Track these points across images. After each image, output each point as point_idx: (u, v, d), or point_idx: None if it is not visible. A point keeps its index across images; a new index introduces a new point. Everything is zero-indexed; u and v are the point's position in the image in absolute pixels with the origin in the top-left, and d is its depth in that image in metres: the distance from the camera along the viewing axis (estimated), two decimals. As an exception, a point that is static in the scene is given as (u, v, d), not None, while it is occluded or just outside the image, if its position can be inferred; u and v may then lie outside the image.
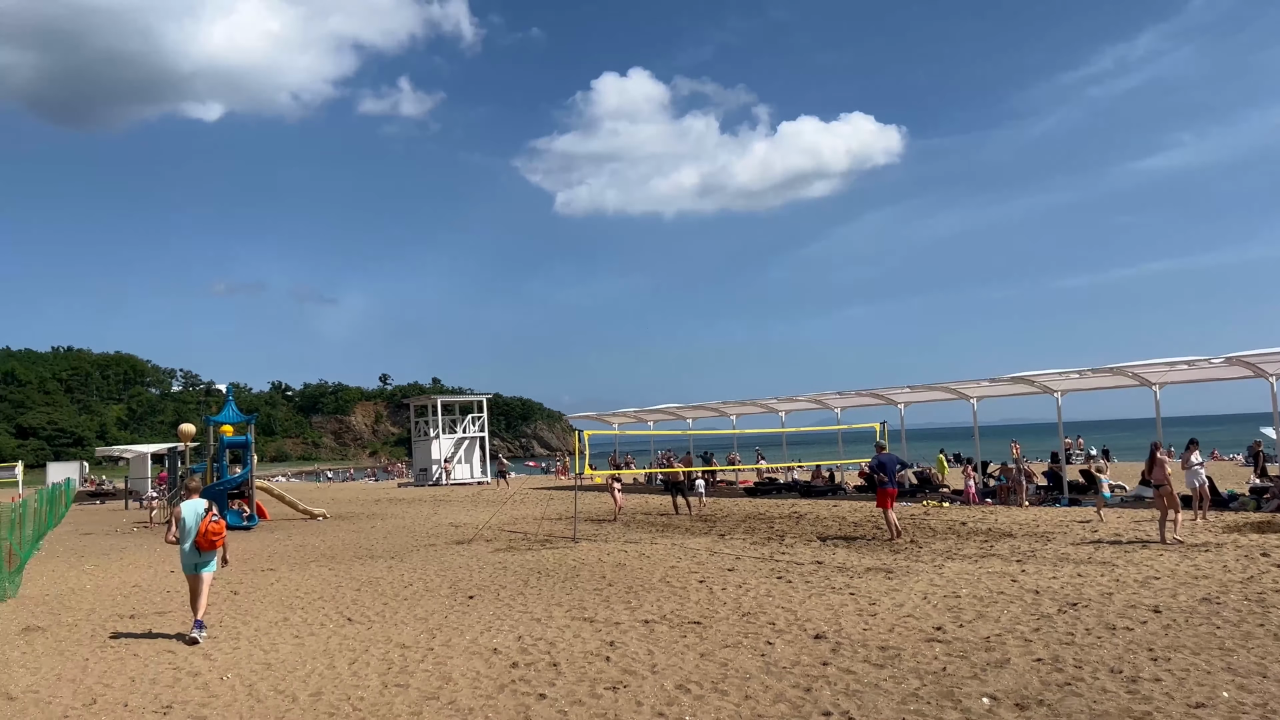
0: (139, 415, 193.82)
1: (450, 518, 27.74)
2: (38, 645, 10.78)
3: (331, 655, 9.70)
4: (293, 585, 14.85)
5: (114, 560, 19.65)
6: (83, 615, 12.77)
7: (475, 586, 13.97)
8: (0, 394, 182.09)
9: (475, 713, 7.48)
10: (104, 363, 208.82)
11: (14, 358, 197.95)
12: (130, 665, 9.58)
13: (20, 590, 15.28)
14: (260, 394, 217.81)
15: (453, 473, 52.47)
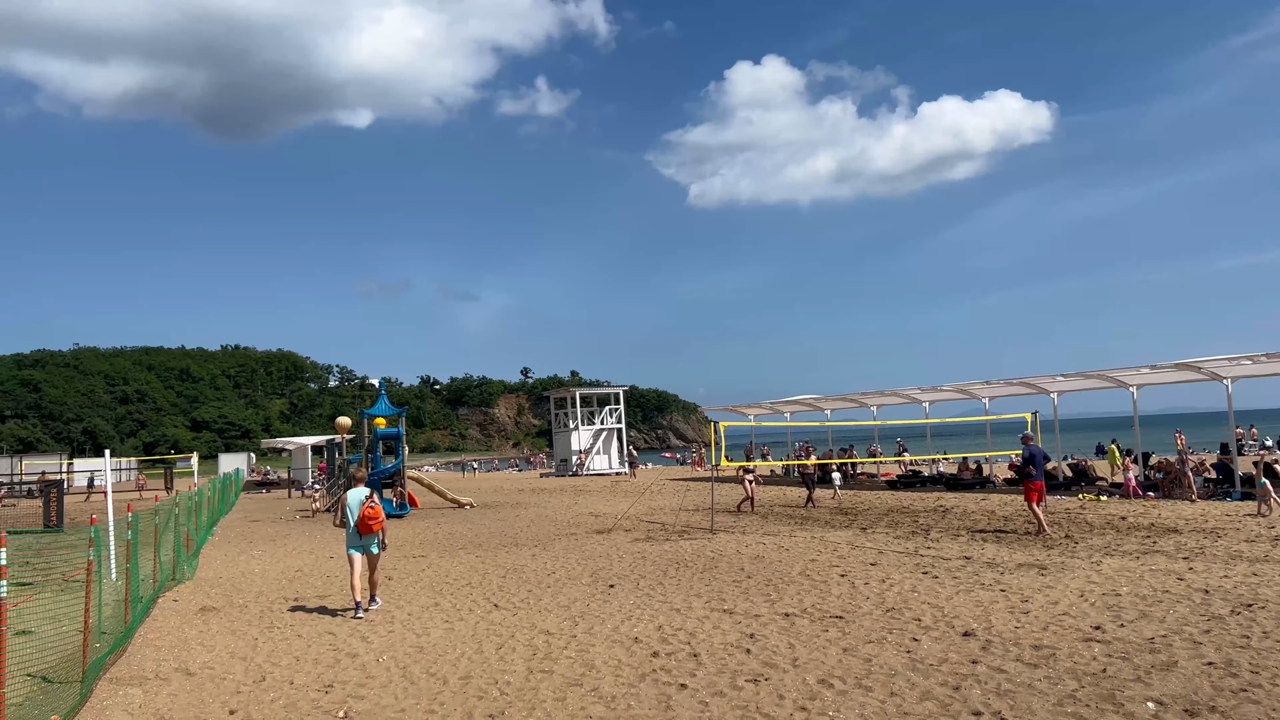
0: (300, 409, 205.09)
1: (590, 507, 28.21)
2: (213, 624, 11.56)
3: (479, 640, 10.02)
4: (442, 571, 15.41)
5: (279, 546, 20.85)
6: (252, 597, 13.61)
7: (615, 575, 14.15)
8: (177, 390, 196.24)
9: (618, 700, 7.57)
10: (268, 360, 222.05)
11: (189, 356, 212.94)
12: (295, 645, 10.15)
13: (197, 573, 16.42)
14: (410, 388, 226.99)
15: (591, 463, 53.34)
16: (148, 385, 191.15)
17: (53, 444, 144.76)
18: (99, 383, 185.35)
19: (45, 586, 15.01)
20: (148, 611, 12.26)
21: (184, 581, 15.36)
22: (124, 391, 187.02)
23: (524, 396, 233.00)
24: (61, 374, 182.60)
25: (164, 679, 8.83)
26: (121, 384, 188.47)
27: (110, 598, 11.78)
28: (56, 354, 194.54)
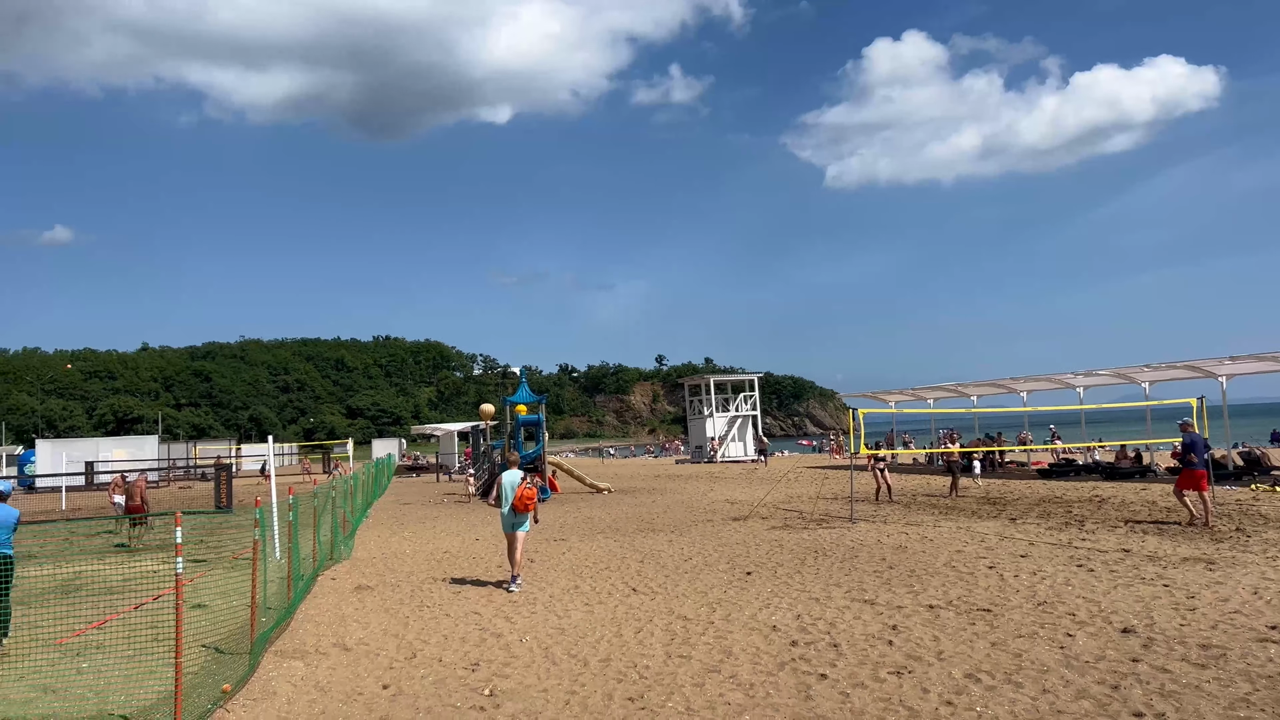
0: (446, 396, 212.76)
1: (725, 494, 28.16)
2: (367, 602, 12.12)
3: (619, 623, 10.15)
4: (582, 555, 15.69)
5: (428, 528, 21.68)
6: (403, 576, 14.21)
7: (752, 563, 14.08)
8: (333, 379, 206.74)
9: (756, 688, 7.53)
10: (416, 349, 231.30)
11: (343, 347, 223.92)
12: (443, 624, 10.54)
13: (353, 552, 17.26)
14: (549, 376, 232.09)
15: (726, 450, 53.23)
16: (307, 375, 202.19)
17: (223, 430, 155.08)
18: (263, 372, 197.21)
19: (217, 564, 16.10)
20: (308, 589, 12.96)
21: (341, 561, 16.16)
22: (285, 380, 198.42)
23: (659, 384, 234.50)
24: (230, 365, 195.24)
25: (323, 653, 9.32)
26: (283, 374, 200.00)
27: (274, 575, 12.53)
28: (225, 346, 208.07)
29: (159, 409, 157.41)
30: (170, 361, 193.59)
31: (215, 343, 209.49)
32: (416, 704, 7.47)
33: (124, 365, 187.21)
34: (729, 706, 7.11)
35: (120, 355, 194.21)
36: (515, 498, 12.78)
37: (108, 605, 12.24)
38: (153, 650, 8.92)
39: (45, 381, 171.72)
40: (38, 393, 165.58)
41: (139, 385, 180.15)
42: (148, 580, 13.83)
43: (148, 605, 11.99)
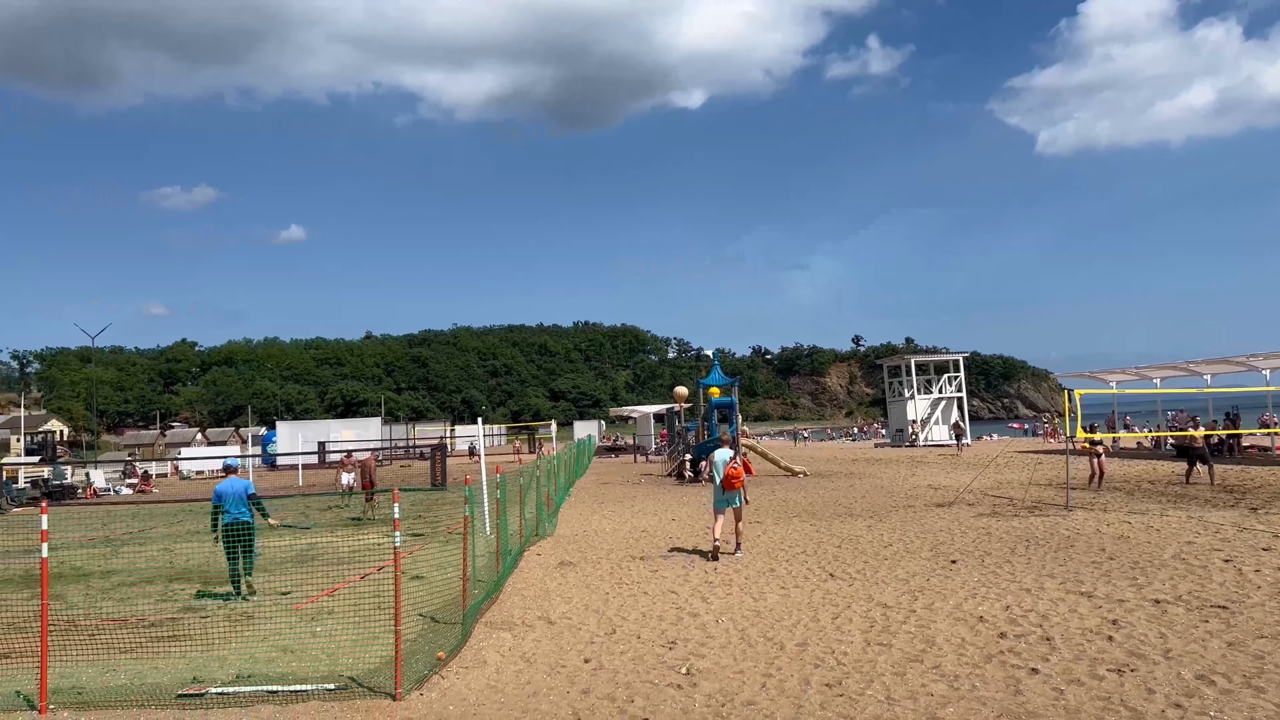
0: (642, 379, 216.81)
1: (928, 479, 27.19)
2: (570, 578, 12.55)
3: (815, 608, 10.02)
4: (778, 538, 15.59)
5: (626, 507, 22.19)
6: (603, 554, 14.61)
7: (957, 551, 13.53)
8: (537, 363, 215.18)
9: (961, 680, 7.24)
10: (613, 334, 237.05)
11: (546, 333, 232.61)
12: (641, 602, 10.76)
13: (556, 529, 17.92)
14: (742, 358, 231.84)
15: (929, 434, 51.34)
16: (513, 360, 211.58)
17: (438, 412, 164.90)
18: (473, 358, 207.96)
19: (433, 537, 17.14)
20: (515, 564, 13.57)
21: (545, 537, 16.81)
22: (494, 365, 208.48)
23: (856, 364, 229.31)
24: (444, 351, 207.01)
25: (529, 626, 9.74)
26: (491, 359, 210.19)
27: (484, 550, 13.20)
28: (439, 333, 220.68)
29: (382, 393, 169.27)
30: (391, 349, 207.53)
31: (431, 330, 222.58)
32: (616, 679, 7.67)
33: (350, 353, 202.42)
34: (932, 698, 6.87)
35: (347, 344, 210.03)
36: (725, 476, 13.56)
37: (337, 574, 13.29)
38: (376, 617, 9.60)
39: (284, 369, 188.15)
40: (277, 379, 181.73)
41: (364, 371, 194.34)
42: (372, 552, 14.90)
43: (372, 575, 12.93)
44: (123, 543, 19.26)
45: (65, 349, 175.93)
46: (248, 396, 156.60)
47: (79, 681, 8.00)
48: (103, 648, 9.25)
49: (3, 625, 10.40)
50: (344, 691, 7.43)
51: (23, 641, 9.34)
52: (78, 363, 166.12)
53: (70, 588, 13.22)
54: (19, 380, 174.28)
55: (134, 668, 8.50)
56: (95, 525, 23.48)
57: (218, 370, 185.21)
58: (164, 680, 7.99)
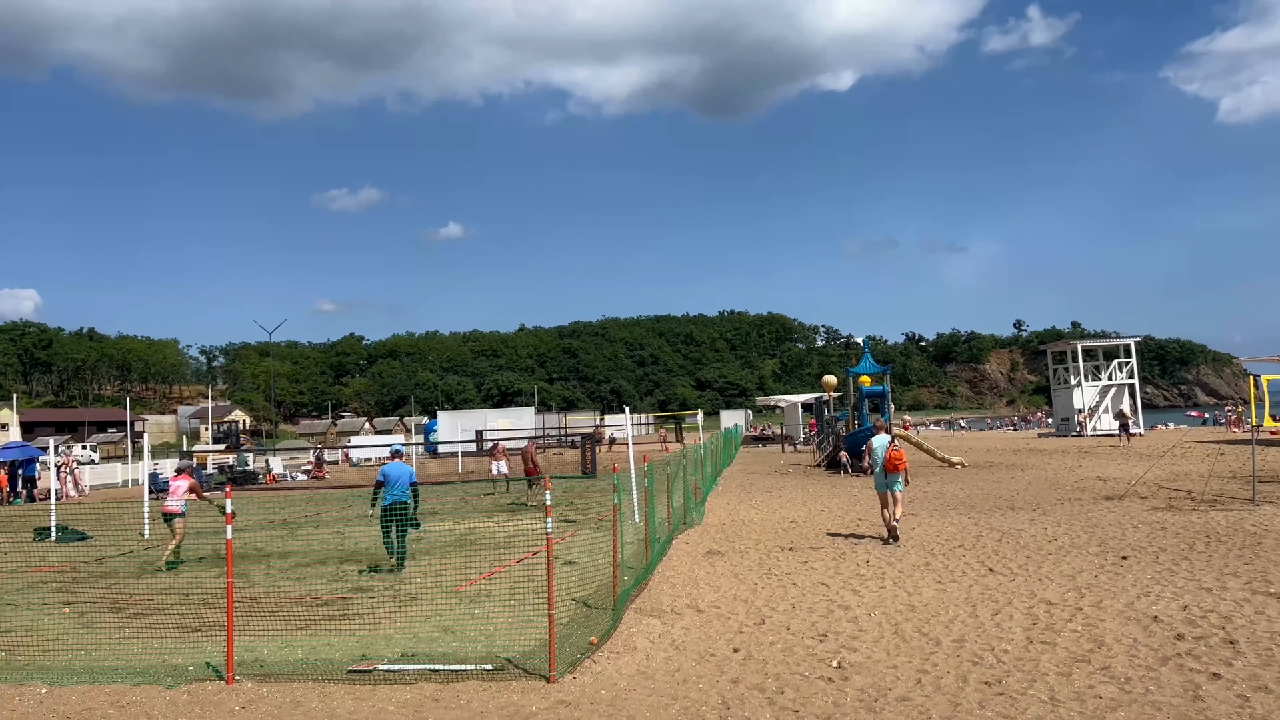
0: (789, 368, 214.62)
1: (1097, 471, 25.76)
2: (718, 567, 12.57)
3: (973, 604, 9.67)
4: (933, 531, 15.13)
5: (775, 498, 22.02)
6: (751, 544, 14.55)
7: (1129, 546, 12.77)
8: (683, 353, 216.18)
9: (1133, 683, 6.84)
10: (759, 323, 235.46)
11: (692, 322, 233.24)
12: (790, 593, 10.66)
13: (704, 518, 17.96)
14: (895, 345, 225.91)
15: (1097, 423, 48.61)
16: (659, 350, 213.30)
17: (588, 402, 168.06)
18: (621, 348, 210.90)
19: (584, 524, 17.50)
20: (664, 552, 13.69)
21: (693, 526, 16.88)
22: (641, 355, 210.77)
23: (1017, 351, 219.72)
24: (593, 342, 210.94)
25: (678, 613, 9.81)
26: (639, 349, 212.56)
27: (632, 537, 13.37)
28: (588, 324, 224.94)
29: (535, 383, 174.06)
30: (543, 340, 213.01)
31: (580, 322, 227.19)
32: (765, 669, 7.63)
33: (505, 345, 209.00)
34: (1100, 700, 6.52)
35: (502, 336, 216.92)
36: (885, 459, 14.20)
37: (494, 559, 13.75)
38: (531, 601, 9.88)
39: (443, 361, 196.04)
40: (438, 370, 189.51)
41: (518, 362, 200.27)
42: (527, 538, 15.35)
43: (527, 560, 13.32)
44: (299, 526, 20.54)
45: (246, 344, 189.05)
46: (411, 387, 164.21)
47: (261, 655, 8.59)
48: (281, 624, 9.90)
49: (195, 601, 11.28)
50: (501, 672, 7.69)
51: (211, 616, 10.11)
52: (257, 357, 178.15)
53: (253, 567, 14.19)
54: (207, 374, 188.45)
55: (309, 643, 9.05)
56: (274, 509, 25.12)
57: (383, 362, 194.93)
58: (336, 656, 8.47)
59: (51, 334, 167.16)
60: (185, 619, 10.29)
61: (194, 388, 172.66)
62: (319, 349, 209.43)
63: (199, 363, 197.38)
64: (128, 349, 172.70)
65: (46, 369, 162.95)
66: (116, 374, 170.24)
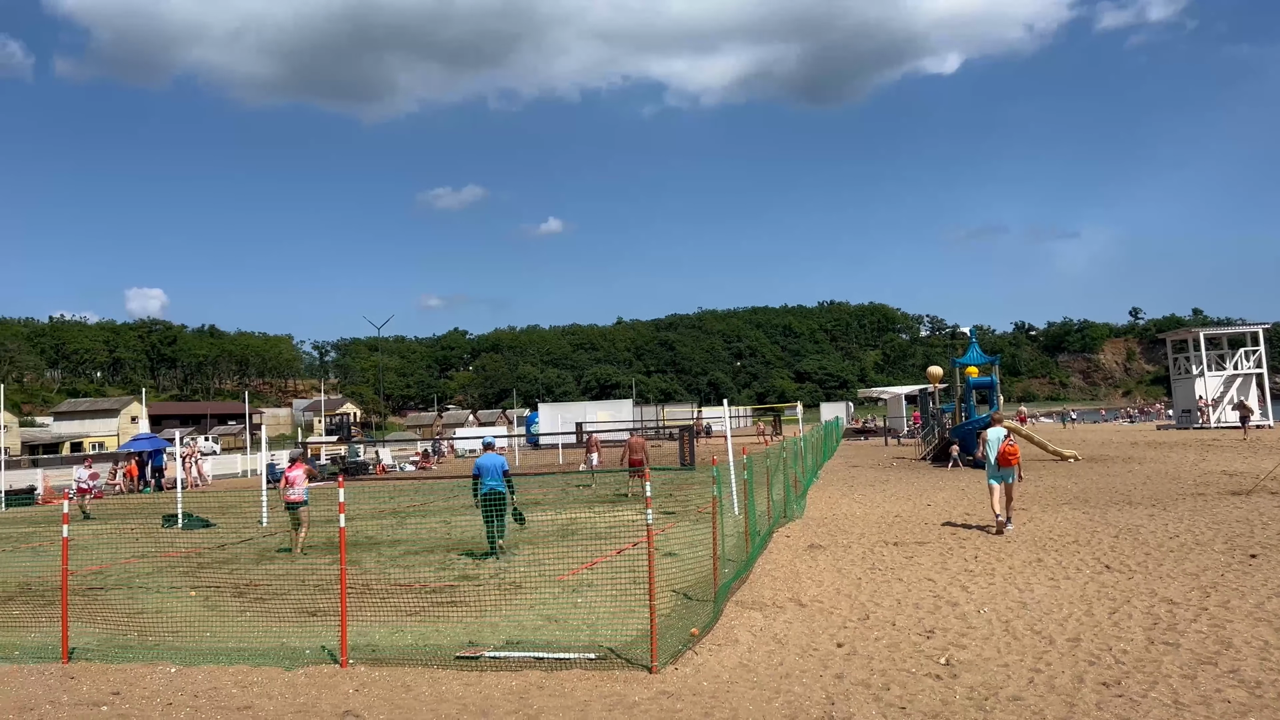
0: (892, 359, 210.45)
1: (1222, 464, 24.48)
2: (820, 561, 12.42)
3: (1089, 602, 9.31)
4: (1045, 527, 14.63)
5: (878, 491, 21.63)
6: (854, 538, 14.33)
7: (1258, 544, 12.09)
8: (781, 344, 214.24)
9: (1264, 687, 6.48)
10: (860, 313, 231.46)
11: (790, 313, 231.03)
12: (895, 588, 10.45)
13: (805, 512, 17.77)
14: (1003, 335, 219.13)
15: (1221, 414, 46.17)
16: (757, 341, 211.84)
17: (686, 394, 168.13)
18: (718, 340, 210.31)
19: (683, 516, 17.52)
20: (764, 545, 13.60)
21: (794, 519, 16.72)
22: (738, 347, 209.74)
23: (1134, 340, 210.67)
24: (690, 334, 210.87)
25: (779, 607, 9.73)
26: (736, 341, 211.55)
27: (732, 530, 13.32)
28: (685, 317, 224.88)
29: (632, 376, 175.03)
30: (640, 333, 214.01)
31: (677, 314, 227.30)
32: (870, 665, 7.51)
33: (603, 338, 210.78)
34: (1228, 705, 6.20)
35: (600, 329, 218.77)
36: (999, 452, 14.25)
37: (595, 549, 13.89)
38: (632, 592, 9.95)
39: (544, 354, 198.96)
40: (538, 363, 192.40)
41: (616, 355, 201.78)
42: (627, 529, 15.45)
43: (627, 551, 13.41)
44: (407, 515, 21.14)
45: (356, 339, 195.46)
46: (512, 380, 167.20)
47: (373, 640, 8.88)
48: (392, 610, 10.21)
49: (310, 587, 11.72)
50: (603, 661, 7.76)
51: (326, 601, 10.49)
52: (367, 352, 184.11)
53: (364, 555, 14.67)
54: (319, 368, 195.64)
55: (418, 629, 9.31)
56: (384, 498, 25.93)
57: (486, 356, 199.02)
58: (444, 642, 8.69)
59: (176, 331, 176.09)
60: (302, 604, 10.71)
61: (308, 382, 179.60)
62: (425, 343, 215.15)
63: (312, 358, 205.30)
64: (246, 345, 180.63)
65: (172, 364, 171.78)
66: (235, 369, 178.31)
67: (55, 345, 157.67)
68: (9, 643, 9.46)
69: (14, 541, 19.66)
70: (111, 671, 8.24)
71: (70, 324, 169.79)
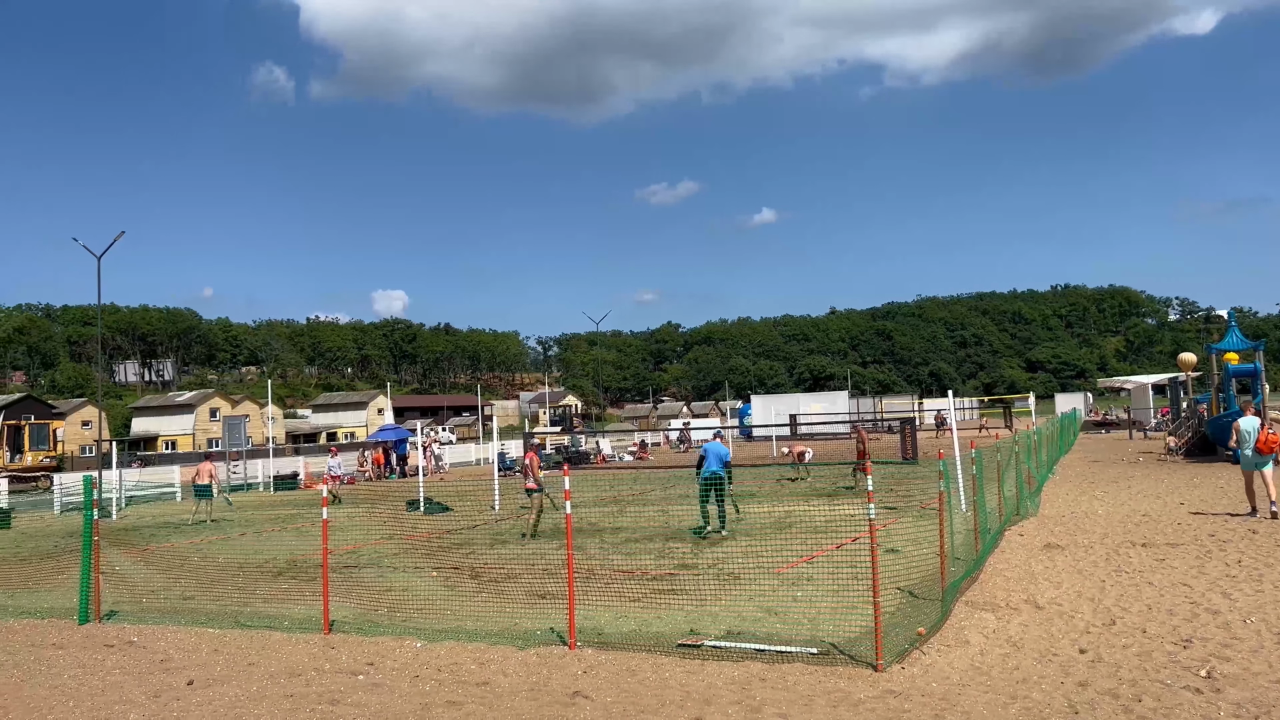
0: (1136, 346, 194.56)
1: None
2: (1057, 561, 11.66)
3: (1383, 617, 8.22)
4: (1324, 531, 13.06)
5: (1121, 488, 20.07)
6: (1096, 538, 13.35)
7: None
8: (1010, 332, 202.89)
9: None
10: (1099, 297, 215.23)
11: (1019, 299, 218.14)
12: (1145, 593, 9.65)
13: (1039, 509, 16.75)
14: (1268, 318, 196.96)
15: None
16: (983, 329, 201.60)
17: (905, 385, 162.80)
18: (940, 329, 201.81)
19: (906, 511, 16.95)
20: (995, 543, 12.93)
21: (1027, 517, 15.80)
22: (962, 336, 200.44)
23: None
24: (908, 323, 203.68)
25: (1014, 609, 9.21)
26: (959, 329, 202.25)
27: (960, 527, 12.74)
28: (903, 305, 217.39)
29: (847, 367, 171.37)
30: (855, 323, 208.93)
31: (894, 303, 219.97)
32: (1119, 674, 6.97)
33: (816, 329, 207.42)
34: None
35: (813, 320, 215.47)
36: (1259, 440, 14.23)
37: (814, 543, 13.71)
38: (853, 587, 9.72)
39: (755, 345, 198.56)
40: (750, 355, 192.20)
41: (829, 346, 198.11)
42: (846, 523, 15.14)
43: (847, 545, 13.14)
44: (627, 503, 21.71)
45: (576, 334, 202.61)
46: (724, 372, 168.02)
47: (598, 624, 9.17)
48: (615, 596, 10.51)
49: (539, 571, 12.27)
50: (826, 656, 7.64)
51: (554, 585, 10.94)
52: (586, 346, 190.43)
53: (588, 541, 15.19)
54: (543, 362, 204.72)
55: (640, 615, 9.53)
56: (604, 487, 26.75)
57: (698, 349, 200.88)
58: (665, 629, 8.85)
59: (416, 329, 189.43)
60: (532, 587, 11.23)
61: (532, 375, 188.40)
62: (640, 337, 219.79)
63: (536, 352, 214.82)
64: (477, 341, 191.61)
65: (412, 360, 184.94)
66: (468, 364, 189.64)
67: (312, 344, 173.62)
68: (278, 614, 10.51)
69: (281, 522, 21.82)
70: (366, 644, 8.98)
71: (324, 324, 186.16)
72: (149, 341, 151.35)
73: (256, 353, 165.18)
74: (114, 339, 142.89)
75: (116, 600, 11.53)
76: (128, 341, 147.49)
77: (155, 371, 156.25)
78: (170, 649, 9.17)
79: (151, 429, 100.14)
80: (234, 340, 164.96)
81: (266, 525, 21.23)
